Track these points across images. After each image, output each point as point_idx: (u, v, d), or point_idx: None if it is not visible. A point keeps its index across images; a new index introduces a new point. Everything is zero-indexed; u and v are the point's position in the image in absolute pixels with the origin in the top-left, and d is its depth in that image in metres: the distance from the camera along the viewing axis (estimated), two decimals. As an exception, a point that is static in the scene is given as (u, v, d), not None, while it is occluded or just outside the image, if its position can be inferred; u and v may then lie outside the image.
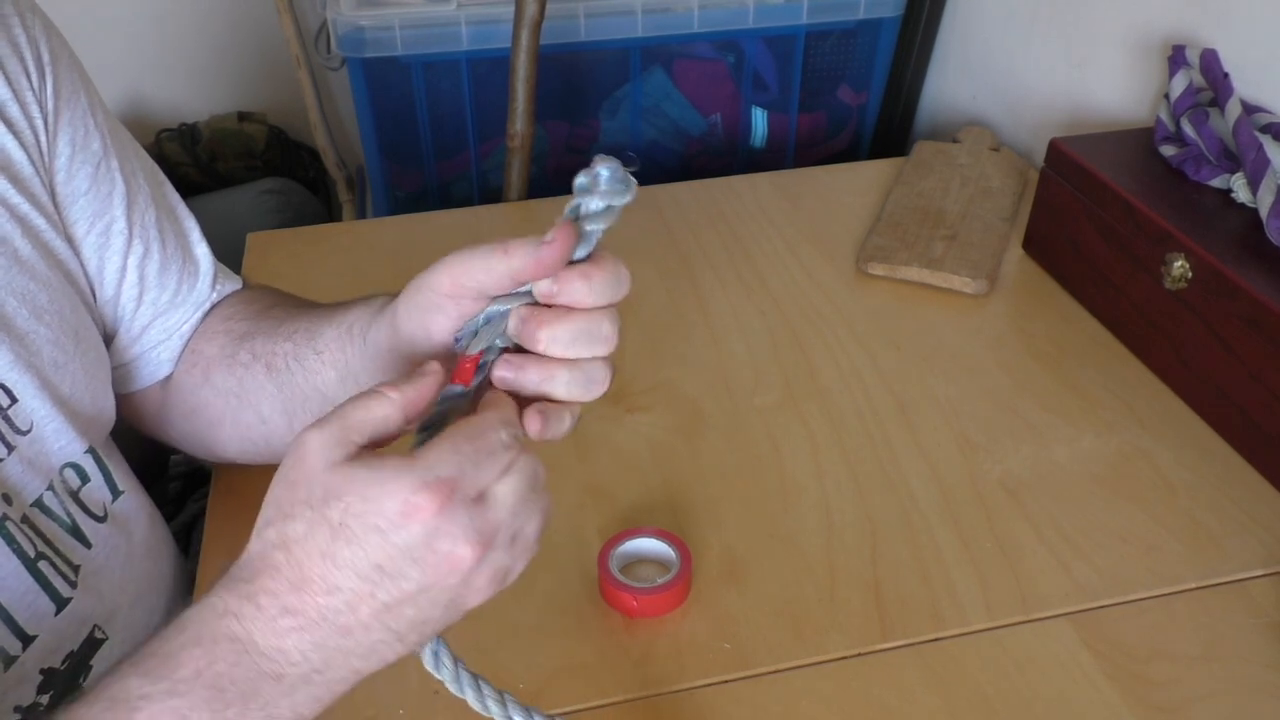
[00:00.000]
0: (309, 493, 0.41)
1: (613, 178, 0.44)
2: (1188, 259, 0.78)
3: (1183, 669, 0.62)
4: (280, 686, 0.41)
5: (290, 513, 0.41)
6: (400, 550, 0.40)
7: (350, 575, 0.40)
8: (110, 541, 0.61)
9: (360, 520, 0.40)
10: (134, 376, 0.67)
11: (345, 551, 0.40)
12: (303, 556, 0.40)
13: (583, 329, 0.45)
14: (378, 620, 0.41)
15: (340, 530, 0.40)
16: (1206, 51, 0.86)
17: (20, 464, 0.56)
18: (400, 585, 0.41)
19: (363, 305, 0.57)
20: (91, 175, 0.61)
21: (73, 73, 0.61)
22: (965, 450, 0.77)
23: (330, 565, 0.40)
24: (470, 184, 1.27)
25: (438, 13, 1.13)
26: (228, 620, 0.41)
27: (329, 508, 0.40)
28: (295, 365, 0.60)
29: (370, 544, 0.40)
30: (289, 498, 0.41)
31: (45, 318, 0.57)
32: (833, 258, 0.99)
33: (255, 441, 0.65)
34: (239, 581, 0.41)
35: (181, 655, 0.41)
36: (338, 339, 0.57)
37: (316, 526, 0.40)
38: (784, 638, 0.64)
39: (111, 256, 0.62)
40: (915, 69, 1.32)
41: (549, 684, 0.61)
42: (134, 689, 0.40)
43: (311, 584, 0.40)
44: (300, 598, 0.41)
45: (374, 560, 0.40)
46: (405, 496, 0.40)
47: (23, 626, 0.54)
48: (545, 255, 0.43)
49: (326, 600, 0.41)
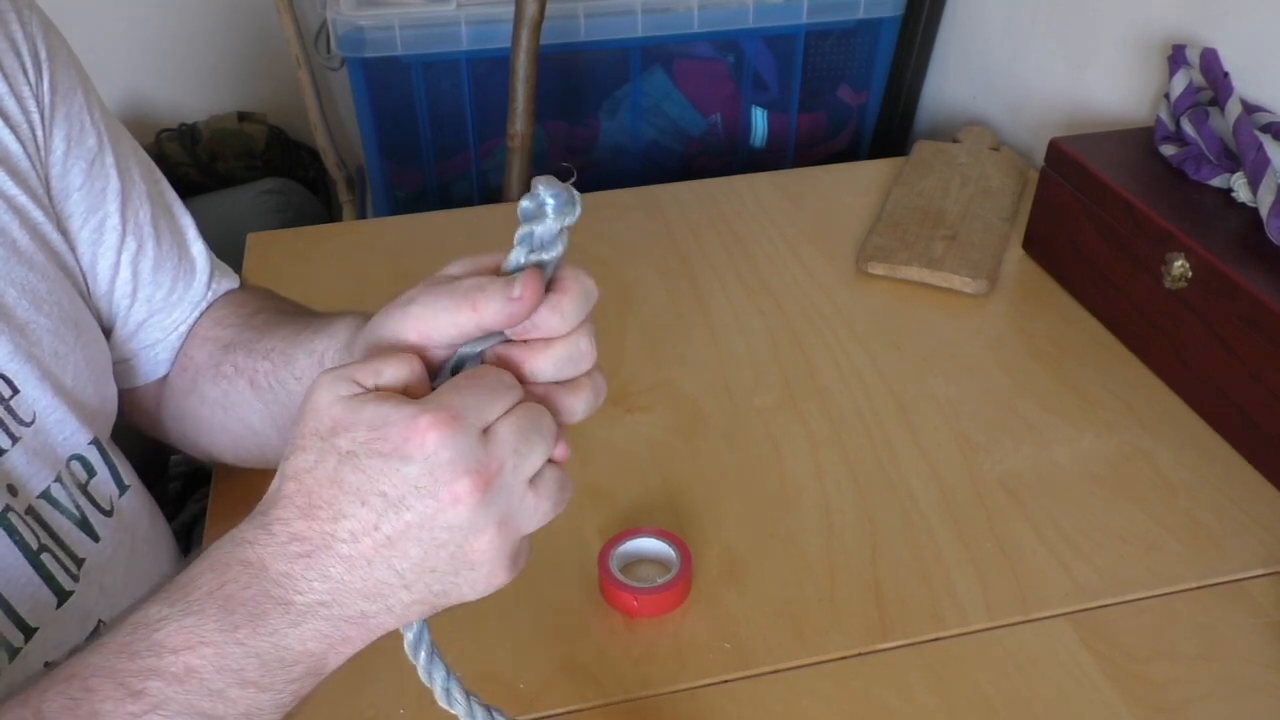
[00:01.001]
0: (317, 424, 0.42)
1: (558, 199, 0.43)
2: (1188, 259, 0.78)
3: (1182, 669, 0.62)
4: (289, 615, 0.42)
5: (300, 445, 0.42)
6: (404, 477, 0.41)
7: (355, 501, 0.41)
8: (116, 536, 0.61)
9: (366, 447, 0.41)
10: (133, 373, 0.67)
11: (351, 477, 0.41)
12: (311, 484, 0.42)
13: (563, 355, 0.45)
14: (380, 555, 0.42)
15: (347, 458, 0.41)
16: (1206, 51, 0.86)
17: (25, 455, 0.56)
18: (403, 516, 0.41)
19: (328, 334, 0.57)
20: (86, 171, 0.61)
21: (69, 70, 0.61)
22: (965, 450, 0.77)
23: (337, 490, 0.41)
24: (470, 184, 1.27)
25: (438, 13, 1.13)
26: (242, 547, 0.42)
27: (337, 437, 0.41)
28: (278, 385, 0.60)
29: (375, 470, 0.41)
30: (298, 431, 0.42)
31: (45, 308, 0.57)
32: (833, 257, 0.99)
33: (250, 449, 0.65)
34: (256, 514, 0.43)
35: (198, 579, 0.42)
36: (311, 369, 0.58)
37: (325, 455, 0.41)
38: (784, 638, 0.64)
39: (105, 252, 0.62)
40: (915, 69, 1.32)
41: (549, 684, 0.61)
42: (154, 613, 0.42)
43: (319, 510, 0.42)
44: (308, 524, 0.42)
45: (378, 487, 0.41)
46: (408, 422, 0.40)
47: (24, 618, 0.55)
48: (516, 310, 0.43)
49: (332, 527, 0.41)
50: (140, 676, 0.41)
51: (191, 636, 0.41)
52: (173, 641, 0.41)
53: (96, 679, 0.41)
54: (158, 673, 0.41)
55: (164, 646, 0.41)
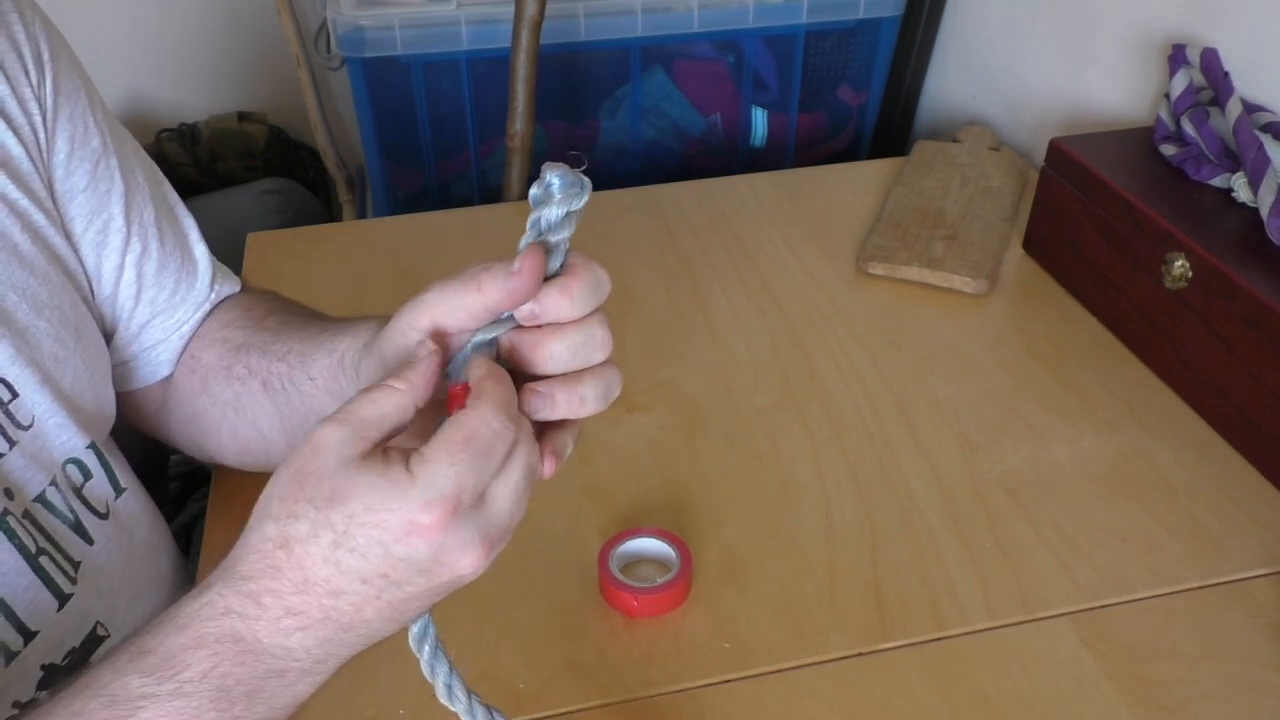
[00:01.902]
0: (315, 491, 0.41)
1: (565, 183, 0.44)
2: (1188, 258, 0.78)
3: (1183, 669, 0.62)
4: (283, 681, 0.42)
5: (295, 511, 0.41)
6: (406, 563, 0.40)
7: (355, 581, 0.41)
8: (112, 539, 0.61)
9: (364, 531, 0.40)
10: (134, 375, 0.67)
11: (349, 560, 0.40)
12: (304, 558, 0.41)
13: (578, 341, 0.45)
14: (381, 616, 0.42)
15: (344, 538, 0.40)
16: (1207, 51, 0.86)
17: (22, 459, 0.56)
18: (406, 590, 0.41)
19: (350, 335, 0.57)
20: (90, 172, 0.61)
21: (72, 71, 0.61)
22: (965, 450, 0.77)
23: (334, 570, 0.40)
24: (470, 184, 1.27)
25: (438, 12, 1.13)
26: (230, 619, 0.41)
27: (333, 510, 0.40)
28: (291, 388, 0.60)
29: (374, 555, 0.40)
30: (295, 494, 0.41)
31: (45, 312, 0.57)
32: (833, 258, 0.99)
33: (255, 454, 0.65)
34: (239, 579, 0.41)
35: (185, 656, 0.41)
36: (330, 369, 0.57)
37: (320, 529, 0.40)
38: (784, 638, 0.64)
39: (109, 254, 0.62)
40: (915, 69, 1.32)
41: (549, 684, 0.61)
42: (135, 688, 0.40)
43: (315, 586, 0.41)
44: (304, 599, 0.41)
45: (379, 570, 0.40)
46: (409, 516, 0.40)
47: (24, 621, 0.55)
48: (517, 285, 0.43)
49: (331, 602, 0.41)
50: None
51: (185, 718, 0.40)
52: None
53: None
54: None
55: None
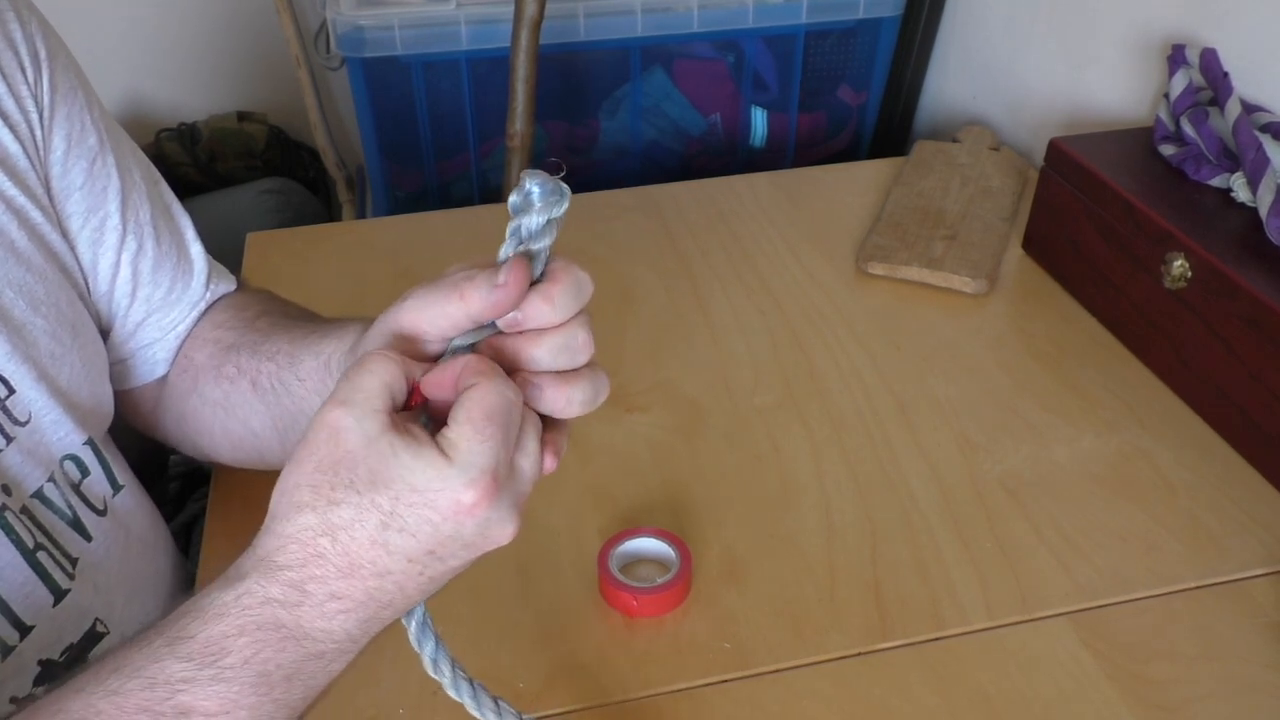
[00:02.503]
0: (352, 475, 0.41)
1: (545, 191, 0.44)
2: (1188, 258, 0.78)
3: (1182, 669, 0.62)
4: (322, 661, 0.43)
5: (334, 498, 0.41)
6: (453, 538, 0.42)
7: (401, 560, 0.42)
8: (110, 535, 0.61)
9: (412, 511, 0.41)
10: (130, 373, 0.67)
11: (397, 539, 0.41)
12: (350, 543, 0.41)
13: (559, 344, 0.45)
14: (420, 590, 0.43)
15: (392, 519, 0.41)
16: (1206, 51, 0.86)
17: (19, 455, 0.56)
18: (448, 563, 0.43)
19: (336, 339, 0.57)
20: (87, 170, 0.61)
21: (68, 70, 0.61)
22: (965, 450, 0.77)
23: (381, 551, 0.41)
24: (470, 184, 1.27)
25: (437, 12, 1.13)
26: (272, 608, 0.41)
27: (377, 493, 0.41)
28: (280, 387, 0.60)
29: (423, 534, 0.41)
30: (329, 481, 0.41)
31: (42, 309, 0.58)
32: (833, 258, 0.99)
33: (248, 451, 0.65)
34: (280, 568, 0.42)
35: (225, 643, 0.41)
36: (317, 371, 0.58)
37: (365, 512, 0.41)
38: (784, 638, 0.64)
39: (105, 252, 0.62)
40: (915, 69, 1.32)
41: (549, 684, 0.61)
42: (175, 671, 0.41)
43: (361, 569, 0.42)
44: (349, 582, 0.42)
45: (426, 547, 0.42)
46: (455, 495, 0.41)
47: (20, 616, 0.55)
48: (501, 297, 0.43)
49: (376, 583, 0.42)
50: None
51: (225, 702, 0.41)
52: (204, 705, 0.40)
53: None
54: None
55: (194, 710, 0.40)
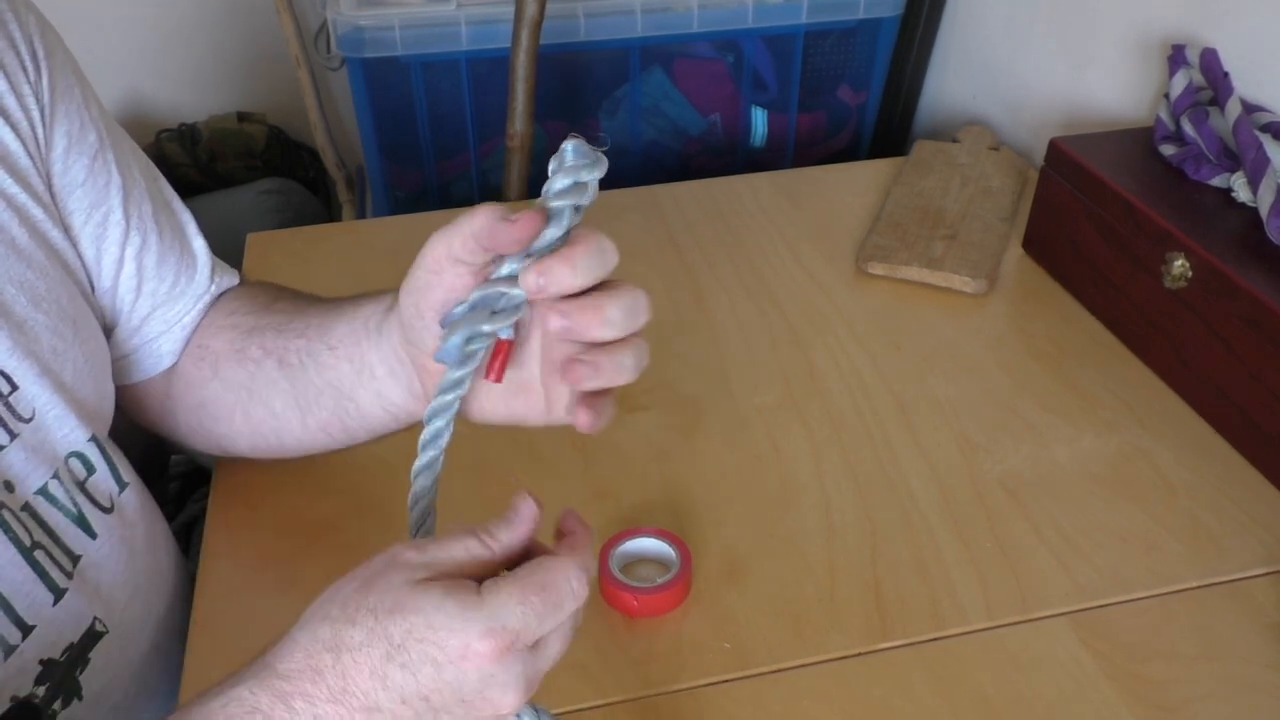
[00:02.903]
0: (379, 601, 0.41)
1: (578, 154, 0.44)
2: (1188, 258, 0.78)
3: (1182, 668, 0.62)
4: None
5: (353, 618, 0.41)
6: (451, 687, 0.41)
7: (395, 699, 0.41)
8: (115, 533, 0.61)
9: (419, 647, 0.40)
10: (136, 368, 0.67)
11: (397, 675, 0.41)
12: (350, 667, 0.41)
13: (629, 303, 0.46)
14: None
15: (397, 651, 0.41)
16: (1206, 51, 0.86)
17: (23, 452, 0.56)
18: (440, 717, 0.42)
19: (374, 301, 0.59)
20: (88, 167, 0.61)
21: (67, 68, 0.61)
22: (965, 450, 0.77)
23: (377, 684, 0.41)
24: (470, 184, 1.27)
25: (437, 13, 1.13)
26: (256, 719, 0.41)
27: (392, 623, 0.41)
28: (309, 360, 0.61)
29: (423, 674, 0.41)
30: (358, 601, 0.41)
31: (43, 305, 0.58)
32: (833, 257, 0.99)
33: (266, 436, 0.66)
34: (275, 677, 0.42)
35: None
36: (351, 334, 0.59)
37: (375, 639, 0.41)
38: (784, 637, 0.64)
39: (109, 247, 0.63)
40: (915, 68, 1.32)
41: (549, 684, 0.61)
42: None
43: (352, 697, 0.41)
44: (336, 709, 0.41)
45: (423, 691, 0.41)
46: (468, 640, 0.40)
47: (21, 615, 0.55)
48: (504, 230, 0.45)
49: (363, 717, 0.41)
50: None
51: None
52: None
53: None
54: None
55: None
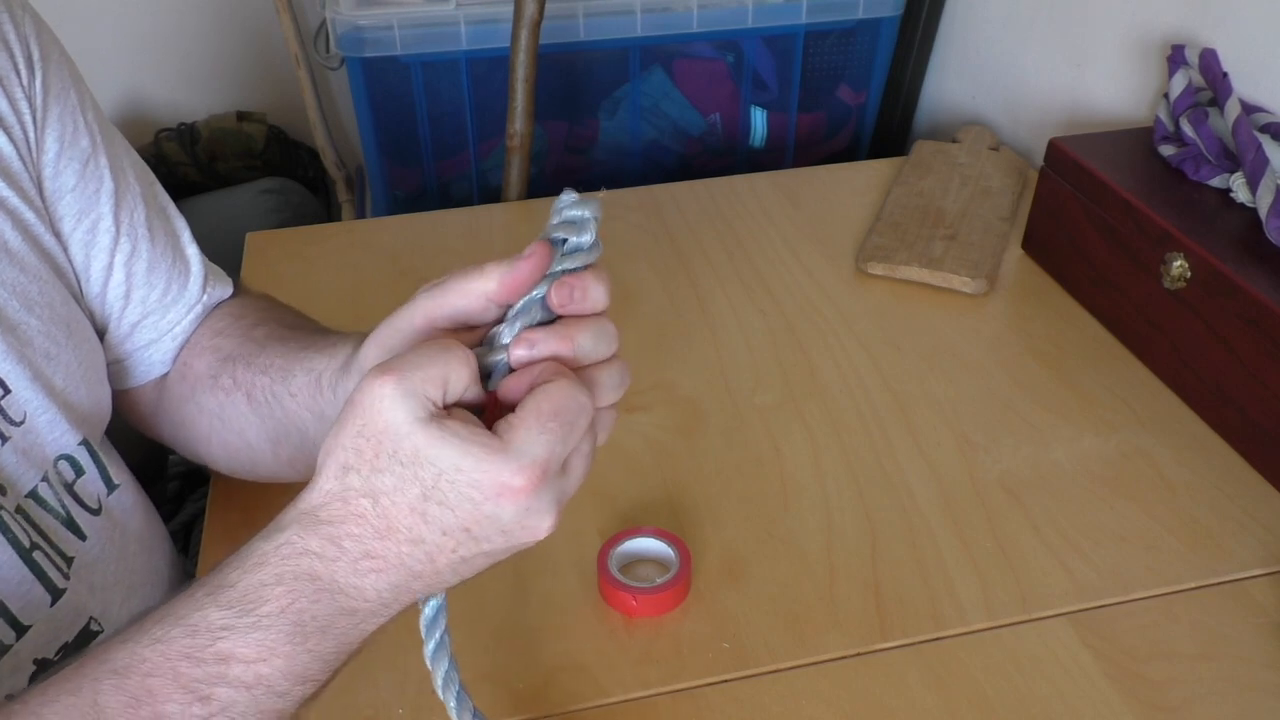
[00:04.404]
0: (395, 447, 0.42)
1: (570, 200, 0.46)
2: (1187, 259, 0.78)
3: (1182, 669, 0.62)
4: (354, 619, 0.44)
5: (376, 465, 0.42)
6: (490, 519, 0.42)
7: (437, 531, 0.43)
8: (105, 534, 0.61)
9: (454, 488, 0.42)
10: (127, 374, 0.67)
11: (435, 510, 0.42)
12: (390, 507, 0.42)
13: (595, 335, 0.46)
14: (451, 569, 0.44)
15: (433, 491, 0.42)
16: (1206, 51, 0.86)
17: (14, 454, 0.56)
18: (482, 546, 0.43)
19: (328, 355, 0.58)
20: (79, 172, 0.61)
21: (63, 70, 0.61)
22: (965, 450, 0.77)
23: (418, 519, 0.42)
24: (470, 183, 1.27)
25: (437, 12, 1.13)
26: (309, 559, 0.43)
27: (421, 468, 0.42)
28: (273, 401, 0.60)
29: (462, 510, 0.42)
30: (371, 449, 0.42)
31: (36, 309, 0.57)
32: (832, 257, 0.99)
33: (242, 462, 0.66)
34: (320, 523, 0.43)
35: (263, 592, 0.42)
36: (308, 387, 0.58)
37: (407, 483, 0.42)
38: (784, 637, 0.64)
39: (98, 253, 0.62)
40: (915, 69, 1.32)
41: (549, 684, 0.61)
42: (215, 619, 0.42)
43: (397, 532, 0.43)
44: (384, 544, 0.43)
45: (462, 523, 0.42)
46: (501, 478, 0.41)
47: (17, 616, 0.55)
48: (521, 267, 0.45)
49: (410, 549, 0.43)
50: (207, 682, 0.42)
51: (262, 649, 0.42)
52: (242, 653, 0.42)
53: (157, 679, 0.41)
54: (225, 679, 0.42)
55: (233, 656, 0.42)
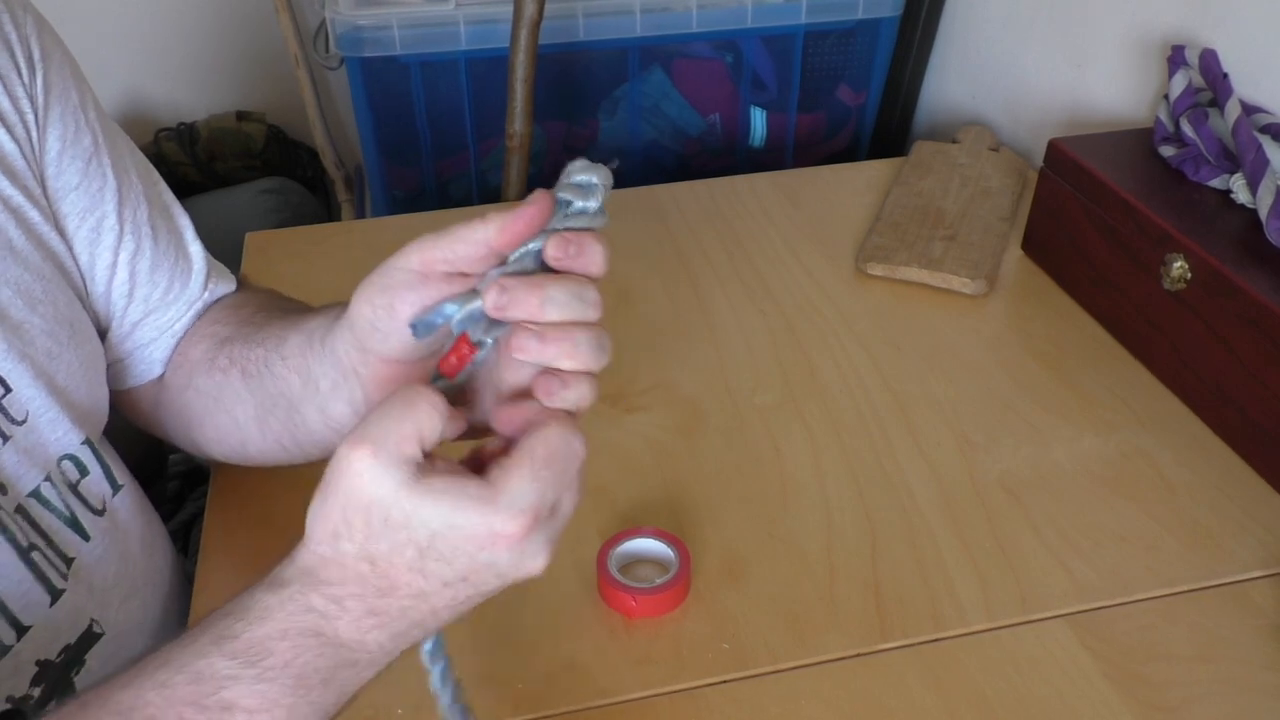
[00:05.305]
0: (386, 515, 0.43)
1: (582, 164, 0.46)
2: (1187, 259, 0.78)
3: (1181, 669, 0.62)
4: (354, 670, 0.45)
5: (370, 534, 0.43)
6: (487, 566, 0.44)
7: (437, 583, 0.44)
8: (108, 535, 0.61)
9: (448, 543, 0.43)
10: (127, 373, 0.67)
11: (434, 566, 0.43)
12: (389, 568, 0.44)
13: (572, 292, 0.46)
14: (451, 610, 0.46)
15: (429, 550, 0.43)
16: (1206, 52, 0.86)
17: (16, 454, 0.56)
18: (480, 589, 0.45)
19: (324, 312, 0.58)
20: (82, 170, 0.61)
21: (64, 69, 0.61)
22: (965, 450, 0.77)
23: (418, 575, 0.44)
24: (469, 183, 1.27)
25: (436, 12, 1.13)
26: (313, 618, 0.44)
27: (414, 530, 0.43)
28: (265, 370, 0.61)
29: (459, 562, 0.44)
30: (361, 520, 0.43)
31: (39, 308, 0.57)
32: (832, 258, 0.99)
33: (232, 445, 0.66)
34: (324, 584, 0.44)
35: (269, 644, 0.43)
36: (300, 346, 0.58)
37: (403, 545, 0.43)
38: (783, 638, 0.64)
39: (102, 252, 0.62)
40: (914, 69, 1.32)
41: (549, 684, 0.61)
42: (220, 668, 0.43)
43: (398, 590, 0.44)
44: (386, 601, 0.44)
45: (460, 573, 0.44)
46: (494, 527, 0.43)
47: (18, 617, 0.55)
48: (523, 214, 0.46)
49: (411, 603, 0.44)
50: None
51: (266, 701, 0.43)
52: (246, 703, 0.43)
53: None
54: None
55: (236, 706, 0.42)
